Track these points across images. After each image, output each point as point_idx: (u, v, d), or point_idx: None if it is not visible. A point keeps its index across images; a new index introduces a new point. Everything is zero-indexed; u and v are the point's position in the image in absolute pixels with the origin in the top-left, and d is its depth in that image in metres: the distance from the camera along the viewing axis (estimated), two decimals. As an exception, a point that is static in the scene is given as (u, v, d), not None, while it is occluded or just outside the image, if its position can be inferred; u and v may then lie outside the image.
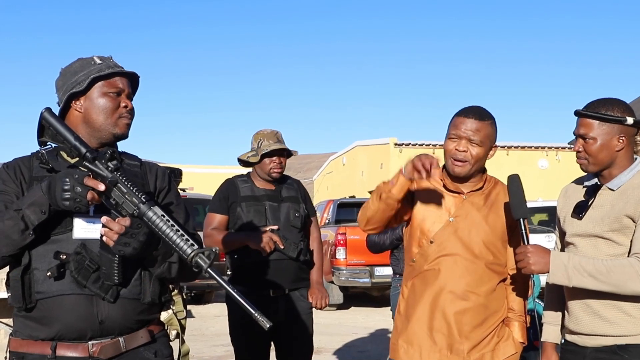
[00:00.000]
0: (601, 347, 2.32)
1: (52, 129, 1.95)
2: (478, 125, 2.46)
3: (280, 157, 3.78)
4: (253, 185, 3.80)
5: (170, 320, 3.31)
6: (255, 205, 3.73)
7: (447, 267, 2.49)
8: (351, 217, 11.58)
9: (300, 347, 3.78)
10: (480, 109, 2.52)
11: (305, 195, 3.93)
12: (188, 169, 22.60)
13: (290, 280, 3.73)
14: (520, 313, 2.60)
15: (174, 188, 2.24)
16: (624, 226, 2.29)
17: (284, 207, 3.77)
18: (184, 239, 1.84)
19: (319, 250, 3.94)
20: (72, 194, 1.84)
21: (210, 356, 7.25)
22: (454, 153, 2.48)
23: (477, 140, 2.46)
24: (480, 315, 2.50)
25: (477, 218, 2.51)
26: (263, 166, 3.78)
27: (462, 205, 2.52)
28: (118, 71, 2.08)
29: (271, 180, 3.80)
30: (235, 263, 3.77)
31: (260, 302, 3.64)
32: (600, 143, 2.34)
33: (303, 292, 3.79)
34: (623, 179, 2.35)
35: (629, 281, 2.21)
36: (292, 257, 3.69)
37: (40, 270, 1.94)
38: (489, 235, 2.51)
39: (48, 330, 1.96)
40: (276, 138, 3.81)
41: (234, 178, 3.89)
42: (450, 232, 2.50)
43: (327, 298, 3.84)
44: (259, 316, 1.80)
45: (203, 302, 11.83)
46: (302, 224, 3.79)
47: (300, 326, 3.75)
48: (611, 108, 2.34)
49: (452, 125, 2.51)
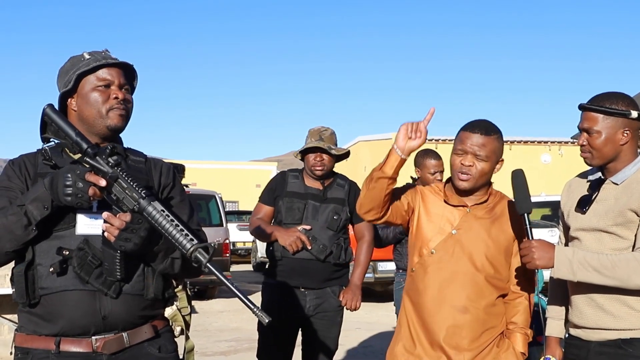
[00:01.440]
0: (605, 341, 2.32)
1: (54, 125, 1.95)
2: (484, 140, 2.44)
3: (322, 154, 3.77)
4: (302, 182, 3.83)
5: (174, 316, 3.31)
6: (296, 202, 3.76)
7: (447, 279, 2.47)
8: (354, 212, 11.55)
9: (323, 342, 3.79)
10: (486, 124, 2.50)
11: (355, 197, 3.88)
12: (191, 164, 22.64)
13: (319, 280, 3.74)
14: (522, 325, 2.55)
15: (178, 184, 2.24)
16: (628, 220, 2.28)
17: (327, 207, 3.78)
18: (184, 234, 1.84)
19: (366, 253, 3.92)
20: (73, 189, 1.85)
21: (214, 352, 7.27)
22: (459, 167, 2.47)
23: (482, 155, 2.44)
24: (478, 329, 2.47)
25: (480, 231, 2.49)
26: (307, 163, 3.82)
27: (465, 218, 2.50)
28: (103, 63, 2.06)
29: (317, 177, 3.81)
30: (270, 255, 3.83)
31: (290, 295, 3.68)
32: (604, 137, 2.33)
33: (335, 289, 3.80)
34: (627, 173, 2.35)
35: (634, 275, 2.20)
36: (319, 259, 3.70)
37: (44, 266, 1.95)
38: (491, 248, 2.49)
39: (52, 325, 1.96)
40: (318, 135, 3.82)
41: (287, 171, 3.93)
42: (452, 244, 2.48)
43: (359, 301, 3.81)
44: (258, 311, 1.81)
45: (206, 298, 11.85)
46: (339, 226, 3.78)
47: (326, 322, 3.77)
48: (615, 102, 2.33)
49: (458, 139, 2.49)
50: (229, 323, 9.05)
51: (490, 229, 2.51)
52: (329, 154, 3.80)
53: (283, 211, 3.77)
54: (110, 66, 2.07)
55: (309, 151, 3.78)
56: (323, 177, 3.82)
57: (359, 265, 3.89)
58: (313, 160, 3.77)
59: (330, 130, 3.88)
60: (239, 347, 7.42)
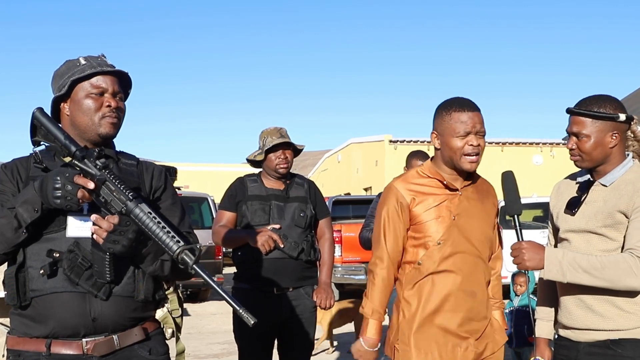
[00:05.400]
0: (594, 341, 2.33)
1: (43, 129, 1.95)
2: (480, 116, 2.46)
3: (285, 151, 3.80)
4: (262, 184, 3.84)
5: (165, 319, 3.31)
6: (260, 204, 3.77)
7: (457, 266, 2.47)
8: (346, 214, 11.58)
9: (300, 343, 3.81)
10: (468, 101, 2.49)
11: (315, 196, 3.94)
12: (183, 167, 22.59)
13: (293, 278, 3.75)
14: (499, 300, 2.65)
15: (170, 187, 2.24)
16: (617, 222, 2.29)
17: (291, 206, 3.79)
18: (170, 235, 1.84)
19: (329, 251, 3.95)
20: (63, 192, 1.85)
21: (207, 354, 7.26)
22: (466, 149, 2.44)
23: (483, 130, 2.46)
24: (484, 310, 2.53)
25: (475, 212, 2.52)
26: (269, 163, 3.82)
27: (459, 203, 2.50)
28: (99, 71, 2.06)
29: (279, 177, 3.83)
30: (238, 260, 3.81)
31: (265, 299, 3.67)
32: (594, 140, 2.34)
33: (308, 290, 3.82)
34: (616, 175, 2.36)
35: (623, 276, 2.22)
36: (292, 256, 3.71)
37: (35, 268, 1.96)
38: (485, 227, 2.53)
39: (42, 327, 1.97)
40: (279, 134, 3.84)
41: (244, 177, 3.93)
42: (455, 231, 2.48)
43: (332, 299, 3.85)
44: (244, 312, 1.80)
45: (199, 300, 11.84)
46: (306, 223, 3.80)
47: (303, 323, 3.78)
48: (603, 105, 2.35)
49: (457, 122, 2.44)
50: (221, 325, 9.04)
51: (482, 207, 2.54)
52: (293, 150, 3.85)
53: (249, 214, 3.75)
54: (105, 74, 2.08)
55: (272, 150, 3.79)
56: (286, 176, 3.85)
57: (324, 264, 3.92)
58: (277, 159, 3.79)
59: (284, 127, 3.92)
60: (231, 349, 7.40)
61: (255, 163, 3.92)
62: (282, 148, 3.79)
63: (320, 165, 31.15)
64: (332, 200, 11.91)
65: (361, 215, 6.79)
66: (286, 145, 3.81)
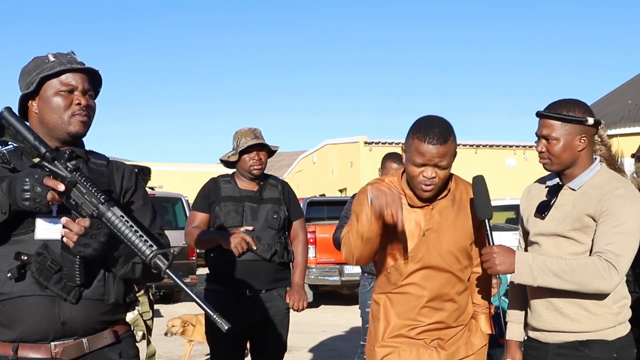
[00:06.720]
0: (563, 343, 2.37)
1: (12, 129, 1.92)
2: (443, 149, 2.34)
3: (259, 153, 3.78)
4: (235, 185, 3.82)
5: (135, 321, 3.28)
6: (233, 206, 3.75)
7: (423, 280, 2.47)
8: (321, 215, 11.59)
9: (273, 345, 3.81)
10: (440, 129, 2.36)
11: (289, 197, 3.93)
12: (157, 167, 22.40)
13: (266, 280, 3.74)
14: (485, 306, 2.63)
15: (141, 188, 2.21)
16: (585, 225, 2.33)
17: (264, 208, 3.78)
18: (143, 240, 1.82)
19: (303, 253, 3.95)
20: (32, 194, 1.82)
21: (180, 356, 7.21)
22: (421, 180, 2.39)
23: (444, 164, 2.37)
24: (454, 317, 2.53)
25: (447, 226, 2.48)
26: (243, 164, 3.80)
27: (430, 217, 2.48)
28: (68, 68, 2.03)
29: (253, 178, 3.81)
30: (211, 261, 3.79)
31: (237, 301, 3.66)
32: (563, 143, 2.37)
33: (281, 292, 3.81)
34: (584, 179, 2.40)
35: (592, 279, 2.25)
36: (265, 258, 3.70)
37: (2, 271, 1.92)
38: (459, 240, 2.49)
39: (10, 331, 1.93)
40: (253, 135, 3.82)
41: (217, 178, 3.90)
42: (424, 247, 2.47)
43: (305, 301, 3.84)
44: (218, 318, 1.79)
45: (172, 302, 11.75)
46: (280, 225, 3.79)
47: (275, 325, 3.77)
48: (572, 109, 2.38)
49: (415, 150, 2.36)
50: (194, 327, 8.97)
51: (456, 220, 2.50)
52: (267, 152, 3.84)
53: (222, 215, 3.74)
54: (75, 71, 2.05)
55: (246, 151, 3.78)
56: (259, 177, 3.84)
57: (298, 266, 3.92)
58: (251, 160, 3.77)
59: (258, 128, 3.90)
60: (204, 350, 7.37)
61: (229, 164, 3.91)
62: (256, 149, 3.78)
63: (296, 166, 31.13)
64: (307, 201, 11.92)
65: (336, 217, 6.80)
66: (260, 146, 3.80)
